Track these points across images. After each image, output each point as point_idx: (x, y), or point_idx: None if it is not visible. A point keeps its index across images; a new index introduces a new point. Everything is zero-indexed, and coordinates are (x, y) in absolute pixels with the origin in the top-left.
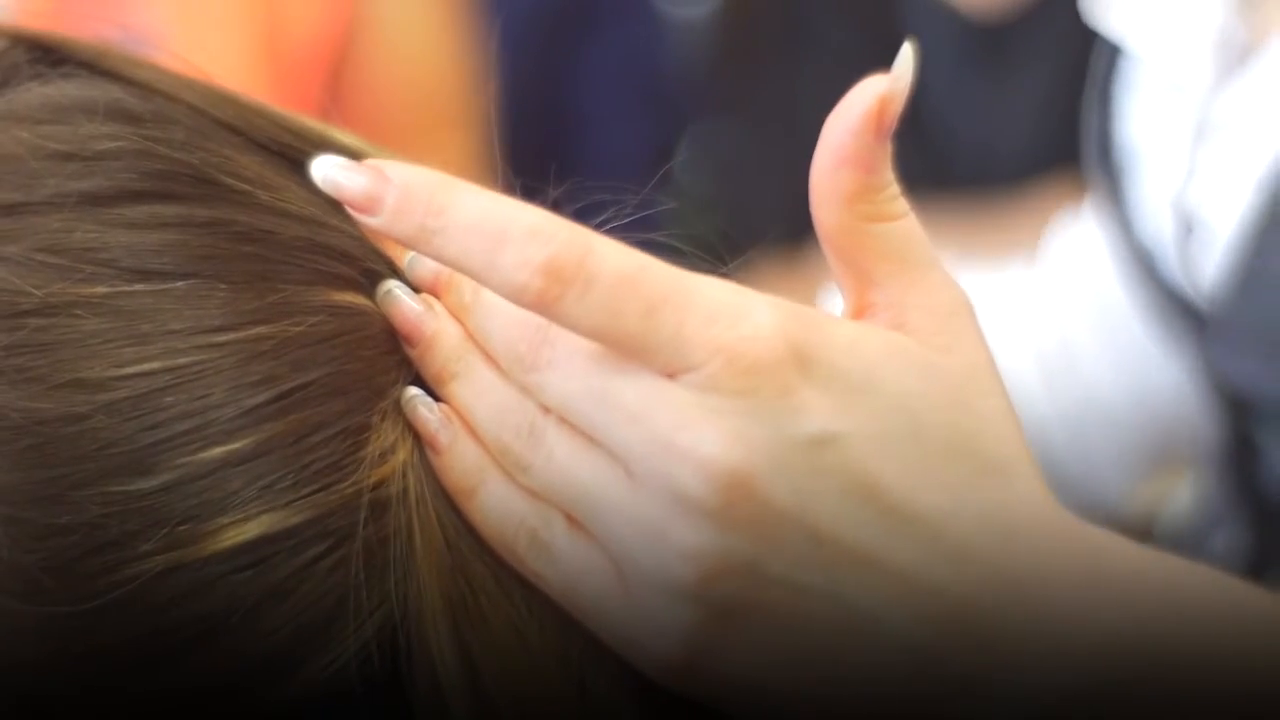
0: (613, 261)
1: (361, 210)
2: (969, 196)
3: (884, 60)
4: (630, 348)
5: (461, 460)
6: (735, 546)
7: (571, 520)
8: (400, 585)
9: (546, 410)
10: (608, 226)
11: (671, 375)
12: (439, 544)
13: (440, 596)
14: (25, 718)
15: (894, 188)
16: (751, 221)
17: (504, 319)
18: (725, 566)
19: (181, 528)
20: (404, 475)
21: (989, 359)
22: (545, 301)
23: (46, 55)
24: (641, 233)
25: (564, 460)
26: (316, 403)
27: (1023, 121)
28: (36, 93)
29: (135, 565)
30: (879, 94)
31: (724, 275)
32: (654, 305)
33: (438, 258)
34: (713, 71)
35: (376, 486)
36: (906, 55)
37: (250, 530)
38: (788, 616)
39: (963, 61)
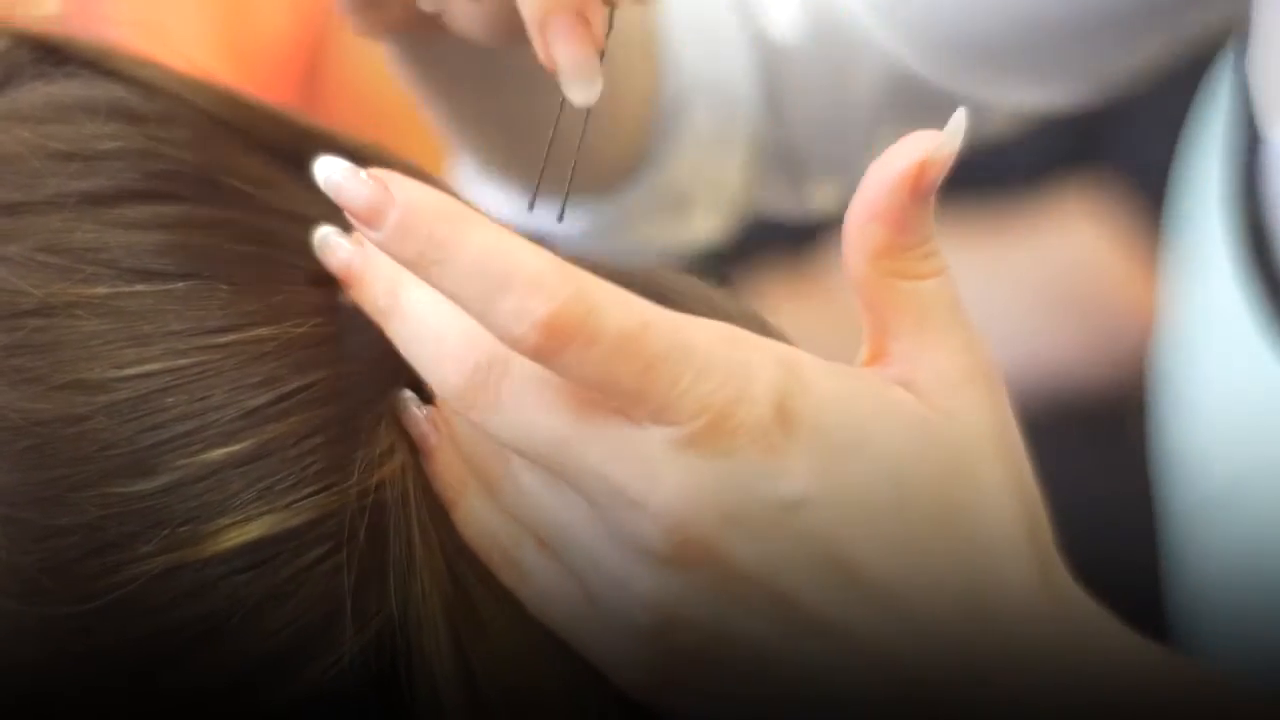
0: (615, 321)
1: (361, 221)
2: (979, 198)
3: None
4: (620, 400)
5: (445, 470)
6: (695, 602)
7: (541, 542)
8: (400, 588)
9: None
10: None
11: (655, 423)
12: (436, 548)
13: (438, 600)
14: (26, 719)
15: (928, 245)
16: (756, 224)
17: (430, 347)
18: (684, 620)
19: (182, 529)
20: (403, 478)
21: (999, 430)
22: (541, 355)
23: (50, 55)
24: None
25: (530, 490)
26: (317, 405)
27: (1037, 121)
28: (39, 92)
29: (135, 566)
30: (921, 156)
31: (726, 280)
32: (651, 363)
33: (434, 286)
34: None
35: (377, 489)
36: (959, 120)
37: (251, 531)
38: (745, 670)
39: None
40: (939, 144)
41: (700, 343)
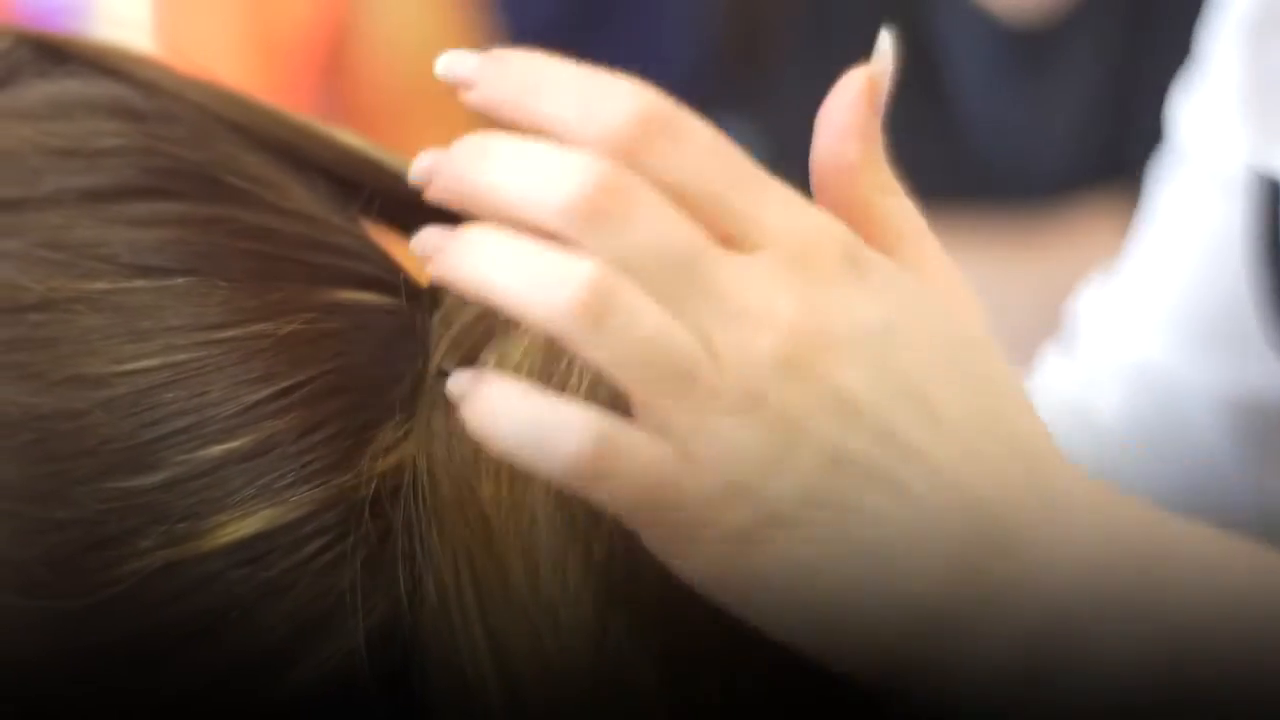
0: (704, 128)
1: (467, 87)
2: (1007, 209)
3: (912, 62)
4: (708, 210)
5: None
6: (811, 417)
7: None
8: (407, 583)
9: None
10: None
11: (741, 248)
12: (452, 534)
13: (460, 584)
14: (26, 715)
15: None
16: None
17: (537, 168)
18: (802, 436)
19: (180, 525)
20: (410, 470)
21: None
22: (635, 148)
23: (50, 53)
24: None
25: (640, 311)
26: (317, 400)
27: (1064, 131)
28: (39, 90)
29: (134, 562)
30: (866, 75)
31: None
32: (739, 176)
33: (531, 117)
34: (729, 70)
35: (379, 482)
36: (885, 41)
37: (249, 526)
38: (852, 501)
39: (998, 67)
40: (873, 64)
41: (774, 178)
